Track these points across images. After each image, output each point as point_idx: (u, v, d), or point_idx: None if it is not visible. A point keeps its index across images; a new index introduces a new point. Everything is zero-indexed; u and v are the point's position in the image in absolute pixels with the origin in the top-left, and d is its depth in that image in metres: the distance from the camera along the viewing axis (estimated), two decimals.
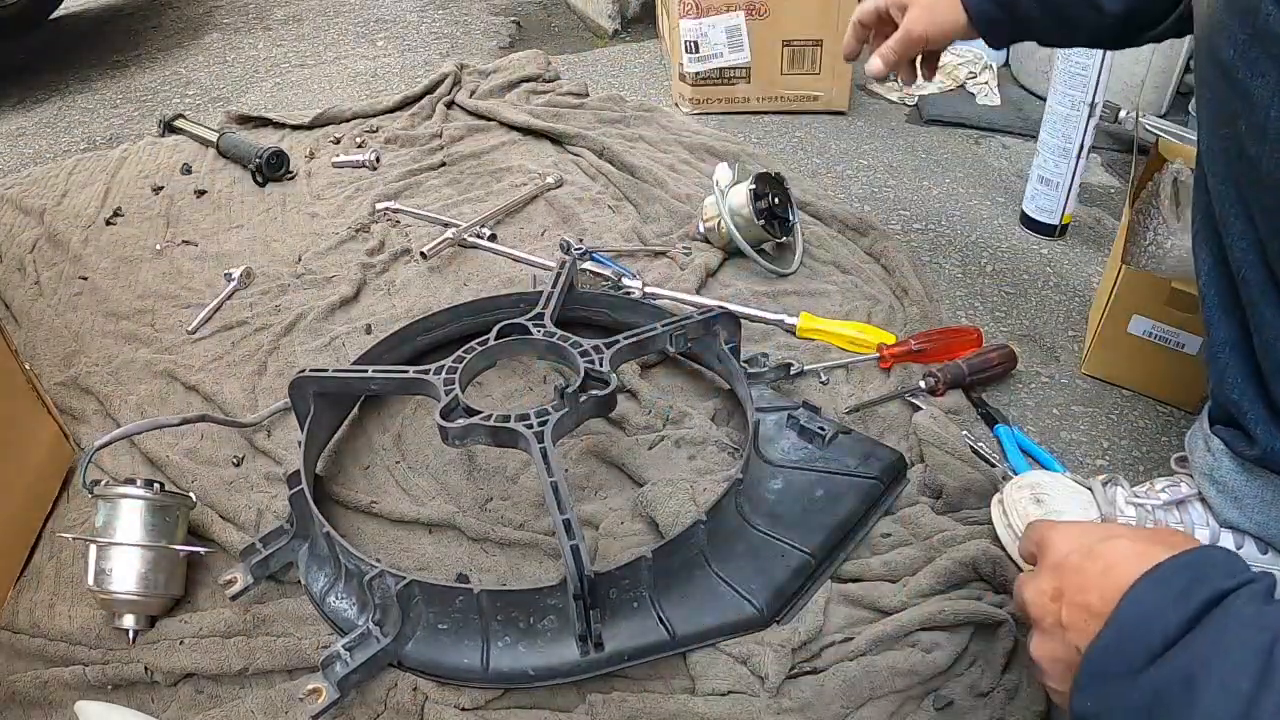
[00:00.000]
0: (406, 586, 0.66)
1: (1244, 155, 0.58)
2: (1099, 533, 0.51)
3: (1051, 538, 0.54)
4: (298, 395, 0.84)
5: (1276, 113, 0.54)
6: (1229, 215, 0.62)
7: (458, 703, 0.67)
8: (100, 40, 2.32)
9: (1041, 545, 0.55)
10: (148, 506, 0.73)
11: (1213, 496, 0.71)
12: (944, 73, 1.69)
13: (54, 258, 1.28)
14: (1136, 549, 0.48)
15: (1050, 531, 0.54)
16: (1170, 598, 0.44)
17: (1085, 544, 0.51)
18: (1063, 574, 0.51)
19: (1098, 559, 0.49)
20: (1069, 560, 0.51)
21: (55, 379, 1.03)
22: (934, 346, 0.98)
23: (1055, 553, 0.52)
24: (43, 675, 0.70)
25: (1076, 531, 0.53)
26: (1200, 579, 0.44)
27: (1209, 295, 0.66)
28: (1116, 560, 0.48)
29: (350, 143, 1.56)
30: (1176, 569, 0.45)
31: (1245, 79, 0.56)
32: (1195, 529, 0.71)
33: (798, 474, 0.81)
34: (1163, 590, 0.44)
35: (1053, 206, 1.22)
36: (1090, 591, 0.48)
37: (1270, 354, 0.61)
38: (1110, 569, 0.48)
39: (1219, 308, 0.65)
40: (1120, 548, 0.49)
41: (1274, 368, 0.61)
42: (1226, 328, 0.65)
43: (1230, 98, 0.58)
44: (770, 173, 1.15)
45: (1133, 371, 0.96)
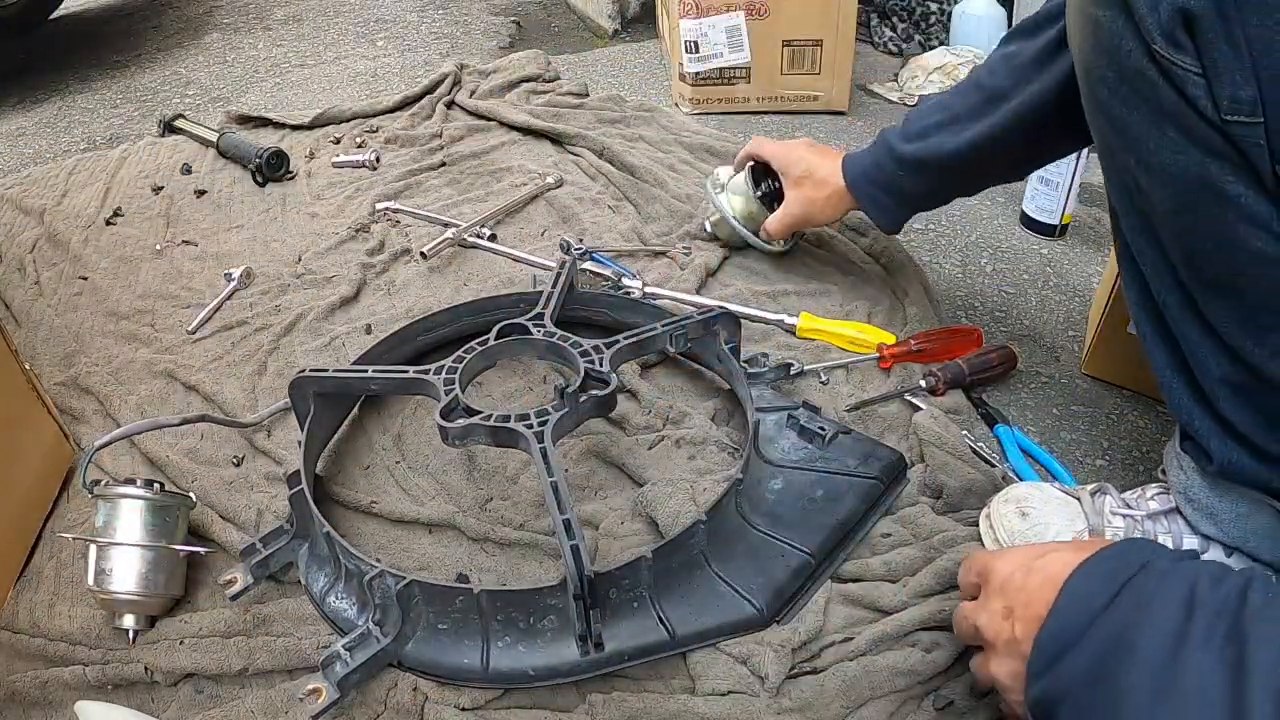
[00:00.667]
0: (406, 586, 0.66)
1: (1139, 187, 0.60)
2: (1036, 551, 0.55)
3: (992, 564, 0.57)
4: (298, 395, 0.84)
5: (1155, 144, 0.56)
6: (1141, 244, 0.63)
7: (458, 703, 0.67)
8: (100, 40, 2.32)
9: (983, 573, 0.58)
10: (148, 506, 0.73)
11: (1190, 513, 0.70)
12: (944, 73, 1.69)
13: (54, 258, 1.28)
14: (1073, 557, 0.51)
15: (989, 559, 0.58)
16: (1101, 579, 0.48)
17: (1025, 563, 0.54)
18: (1009, 593, 0.54)
19: (1038, 573, 0.53)
20: (1013, 579, 0.54)
21: (55, 379, 1.03)
22: (934, 346, 0.98)
23: (998, 576, 0.56)
24: (43, 675, 0.70)
25: (1015, 554, 0.57)
26: (1125, 560, 0.49)
27: (1141, 323, 0.67)
28: (1056, 570, 0.51)
29: (350, 143, 1.56)
30: (1104, 559, 0.50)
31: (1123, 115, 0.57)
32: (1183, 538, 0.71)
33: (798, 474, 0.81)
34: (1093, 576, 0.49)
35: (1053, 206, 1.22)
36: (1037, 603, 0.51)
37: (1205, 373, 0.62)
38: (1051, 578, 0.51)
39: (1152, 334, 0.66)
40: (1057, 559, 0.52)
41: (1211, 386, 0.62)
42: (1163, 352, 0.66)
43: (1115, 136, 0.60)
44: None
45: (1133, 371, 0.96)
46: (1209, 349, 0.61)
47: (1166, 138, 0.55)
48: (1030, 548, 0.57)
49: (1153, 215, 0.60)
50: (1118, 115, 0.58)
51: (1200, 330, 0.61)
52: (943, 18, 1.84)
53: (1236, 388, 0.60)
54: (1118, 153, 0.61)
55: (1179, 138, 0.54)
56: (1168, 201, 0.58)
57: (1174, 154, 0.55)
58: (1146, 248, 0.63)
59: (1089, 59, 0.59)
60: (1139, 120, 0.56)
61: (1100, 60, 0.58)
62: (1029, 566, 0.53)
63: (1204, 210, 0.55)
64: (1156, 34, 0.52)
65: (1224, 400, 0.61)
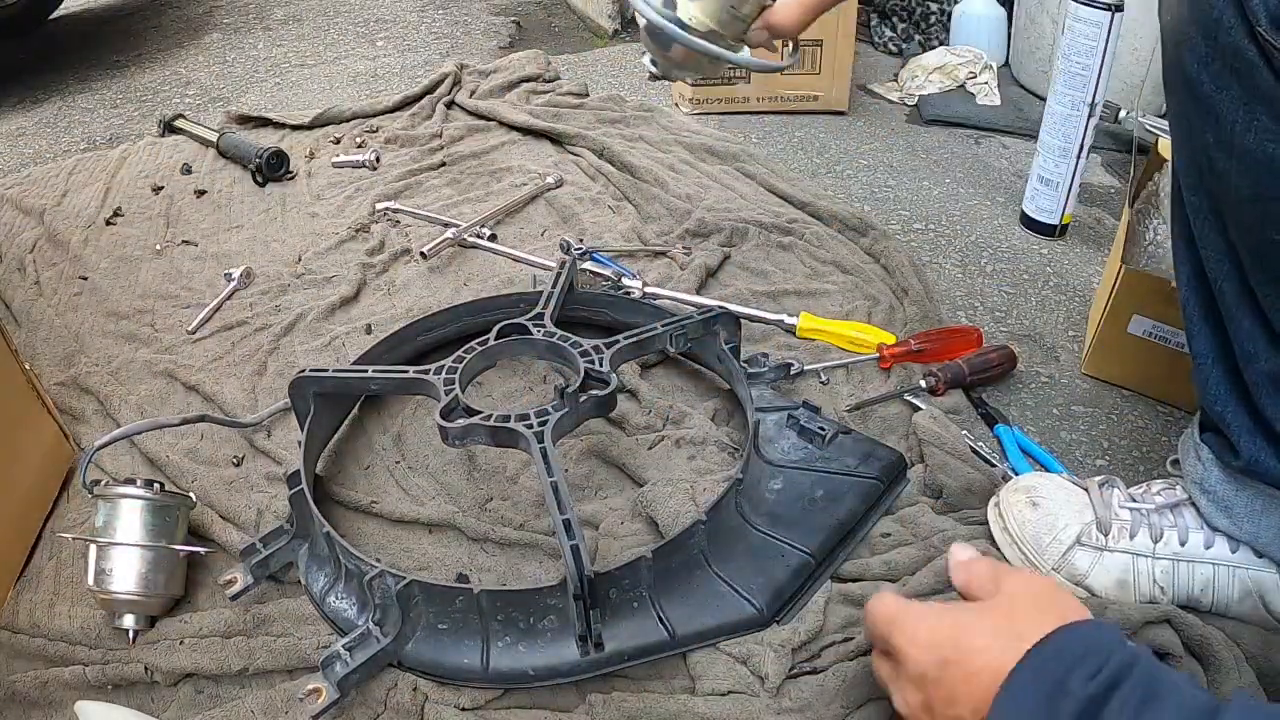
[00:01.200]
0: (406, 586, 0.66)
1: (1214, 169, 0.57)
2: (946, 632, 0.50)
3: (901, 646, 0.52)
4: (298, 395, 0.84)
5: (1242, 127, 0.54)
6: (1204, 227, 0.61)
7: (458, 703, 0.67)
8: (100, 40, 2.32)
9: (891, 648, 0.53)
10: (148, 506, 0.73)
11: (1204, 505, 0.70)
12: (944, 73, 1.69)
13: (54, 258, 1.28)
14: (990, 650, 0.47)
15: (895, 635, 0.53)
16: (1034, 715, 0.43)
17: (938, 654, 0.49)
18: (925, 687, 0.50)
19: (954, 669, 0.48)
20: (927, 674, 0.50)
21: (55, 379, 1.03)
22: (934, 346, 0.98)
23: (911, 665, 0.51)
24: (43, 675, 0.70)
25: (924, 636, 0.51)
26: (1062, 689, 0.43)
27: (1189, 306, 0.65)
28: (975, 668, 0.47)
29: (350, 143, 1.56)
30: (1035, 674, 0.44)
31: (1210, 93, 0.55)
32: (1189, 532, 0.71)
33: (798, 474, 0.81)
34: (1025, 706, 0.44)
35: (1053, 206, 1.22)
36: (959, 703, 0.48)
37: (1250, 366, 0.60)
38: (971, 678, 0.47)
39: (1199, 319, 0.65)
40: (973, 650, 0.48)
41: (1255, 379, 0.60)
42: (1207, 339, 0.64)
43: (1197, 112, 0.57)
44: None
45: (1133, 371, 0.96)
46: (1261, 342, 0.59)
47: (1257, 122, 0.52)
48: (939, 622, 0.51)
49: (1223, 199, 0.58)
50: (1204, 91, 0.55)
51: (1254, 321, 0.59)
52: (943, 18, 1.84)
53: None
54: (1196, 129, 0.58)
55: (1272, 124, 0.51)
56: (1247, 188, 0.55)
57: (1263, 139, 0.52)
58: (1210, 231, 0.60)
59: (1179, 26, 0.56)
60: (1228, 100, 0.53)
61: (1192, 30, 0.55)
62: (943, 659, 0.49)
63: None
64: (1263, 15, 0.49)
65: (1266, 395, 0.60)
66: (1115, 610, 0.69)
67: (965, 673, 0.47)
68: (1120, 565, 0.72)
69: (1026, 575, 0.54)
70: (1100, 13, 1.07)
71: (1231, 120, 0.54)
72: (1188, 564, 0.71)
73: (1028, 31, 1.67)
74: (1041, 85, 1.61)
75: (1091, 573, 0.72)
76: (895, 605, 0.55)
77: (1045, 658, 0.45)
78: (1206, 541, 0.70)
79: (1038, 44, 1.65)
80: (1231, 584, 0.70)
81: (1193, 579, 0.71)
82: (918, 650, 0.51)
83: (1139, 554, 0.72)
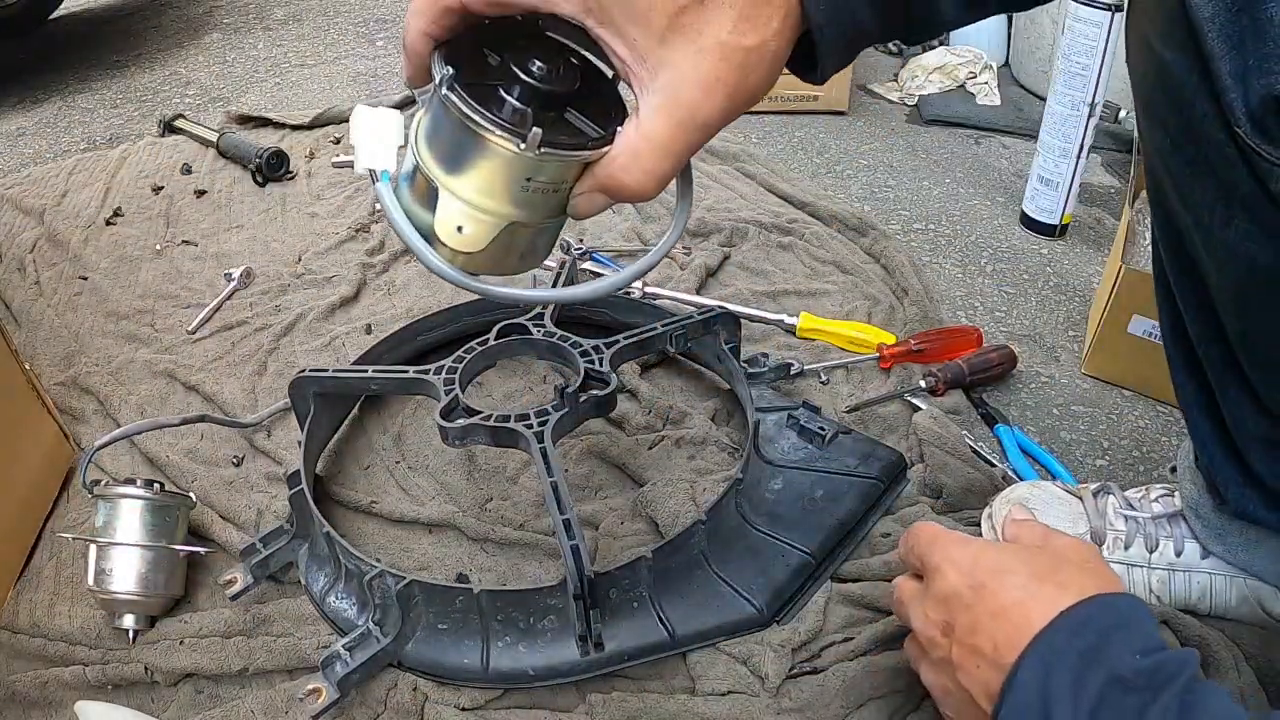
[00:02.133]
0: (406, 586, 0.66)
1: (1193, 240, 0.51)
2: (989, 562, 0.49)
3: (938, 563, 0.51)
4: (298, 395, 0.84)
5: (1220, 222, 0.47)
6: (1185, 291, 0.56)
7: (458, 703, 0.67)
8: (100, 40, 2.32)
9: (927, 565, 0.52)
10: (148, 506, 0.73)
11: (1198, 530, 0.70)
12: (944, 73, 1.69)
13: (54, 258, 1.28)
14: (1028, 589, 0.46)
15: (936, 552, 0.52)
16: (1065, 685, 0.42)
17: (976, 578, 0.48)
18: (952, 609, 0.49)
19: (988, 598, 0.47)
20: (959, 595, 0.49)
21: (55, 379, 1.03)
22: (934, 346, 0.98)
23: (944, 582, 0.50)
24: (43, 675, 0.70)
25: (967, 559, 0.50)
26: (1096, 657, 0.42)
27: (1172, 355, 0.61)
28: (1007, 603, 0.46)
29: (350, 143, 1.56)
30: (1070, 635, 0.43)
31: (1183, 174, 0.49)
32: (1185, 542, 0.71)
33: (798, 474, 0.81)
34: (1056, 671, 0.42)
35: (1053, 206, 1.22)
36: (980, 634, 0.47)
37: (1240, 428, 0.57)
38: (1000, 614, 0.46)
39: (1183, 370, 0.61)
40: (1011, 585, 0.47)
41: (1245, 439, 0.57)
42: (1192, 391, 0.61)
43: (1173, 189, 0.51)
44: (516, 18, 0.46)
45: (1133, 371, 0.96)
46: (1248, 408, 0.55)
47: (1235, 221, 0.46)
48: (984, 551, 0.50)
49: (1204, 270, 0.52)
50: (1178, 172, 0.49)
51: (1241, 390, 0.55)
52: None
53: (1274, 444, 0.56)
54: (1171, 203, 0.51)
55: (1250, 227, 0.45)
56: (1228, 280, 0.49)
57: (1243, 240, 0.46)
58: (1190, 299, 0.55)
59: (1150, 97, 0.49)
60: (1204, 190, 0.47)
61: (1164, 107, 0.47)
62: (980, 584, 0.48)
63: (1275, 299, 0.47)
64: (1242, 115, 0.41)
65: (1257, 457, 0.57)
66: None
67: (997, 605, 0.46)
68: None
69: (1077, 540, 0.53)
70: (1100, 13, 1.07)
71: (1209, 210, 0.47)
72: (1184, 573, 0.71)
73: (1028, 31, 1.67)
74: (1041, 85, 1.61)
75: None
76: (940, 528, 0.54)
77: (1084, 617, 0.44)
78: (1203, 551, 0.70)
79: (1038, 44, 1.65)
80: (1229, 591, 0.70)
81: (1189, 587, 0.70)
82: (955, 570, 0.50)
83: (1134, 564, 0.71)
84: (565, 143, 0.42)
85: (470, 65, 0.42)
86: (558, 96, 0.42)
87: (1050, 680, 0.42)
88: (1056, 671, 0.42)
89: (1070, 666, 0.42)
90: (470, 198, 0.43)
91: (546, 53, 0.43)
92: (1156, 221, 0.57)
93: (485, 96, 0.41)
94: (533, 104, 0.42)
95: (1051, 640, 0.44)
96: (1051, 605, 0.45)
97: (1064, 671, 0.42)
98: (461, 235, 0.44)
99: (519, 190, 0.43)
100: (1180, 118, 0.46)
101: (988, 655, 0.46)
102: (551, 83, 0.42)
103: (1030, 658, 0.44)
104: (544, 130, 0.40)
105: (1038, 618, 0.45)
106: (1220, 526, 0.68)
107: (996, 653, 0.46)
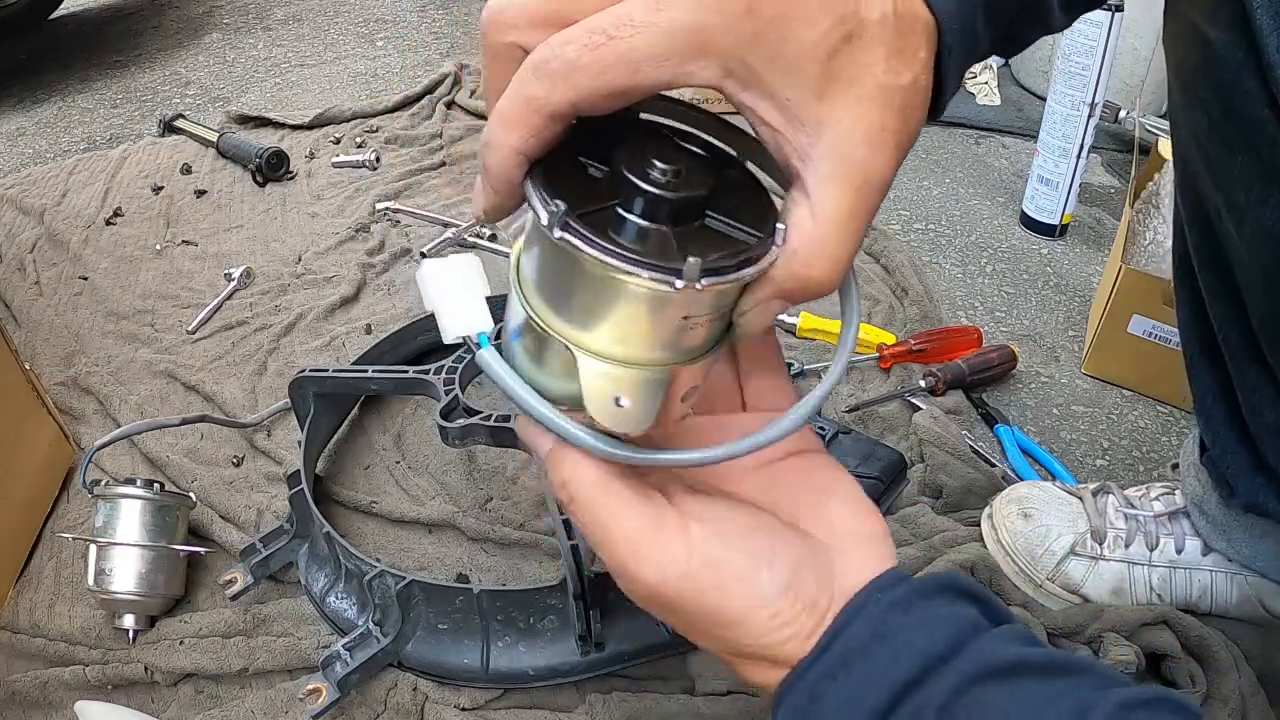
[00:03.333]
0: (406, 586, 0.66)
1: (1222, 222, 0.51)
2: (709, 621, 0.37)
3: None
4: (298, 395, 0.84)
5: (1256, 200, 0.47)
6: (1209, 276, 0.56)
7: (458, 703, 0.67)
8: (100, 40, 2.32)
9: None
10: (148, 506, 0.73)
11: (1201, 526, 0.70)
12: None
13: (54, 258, 1.28)
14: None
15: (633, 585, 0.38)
16: None
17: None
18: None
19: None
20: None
21: (55, 379, 1.03)
22: (934, 346, 0.98)
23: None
24: (43, 675, 0.70)
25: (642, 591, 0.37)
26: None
27: (1189, 343, 0.62)
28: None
29: (350, 143, 1.56)
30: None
31: (1221, 154, 0.49)
32: (1186, 539, 0.71)
33: None
34: None
35: (1053, 206, 1.22)
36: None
37: (1257, 416, 0.56)
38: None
39: (1200, 356, 0.61)
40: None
41: (1261, 429, 0.57)
42: (1208, 378, 0.61)
43: (1206, 169, 0.51)
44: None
45: (1133, 371, 0.96)
46: (1266, 396, 0.55)
47: (1273, 199, 0.46)
48: (699, 610, 0.36)
49: (1232, 254, 0.52)
50: (1215, 151, 0.49)
51: (1260, 375, 0.54)
52: None
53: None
54: (1203, 181, 0.52)
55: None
56: (1260, 260, 0.49)
57: (1278, 218, 0.46)
58: (1215, 282, 0.55)
59: (1190, 79, 0.49)
60: (1242, 168, 0.47)
61: (1205, 87, 0.48)
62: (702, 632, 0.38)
63: None
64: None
65: (1272, 446, 0.57)
66: (1112, 613, 0.69)
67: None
68: (1115, 573, 0.71)
69: None
70: (1100, 13, 1.07)
71: (1245, 189, 0.47)
72: (1185, 571, 0.71)
73: None
74: (1041, 85, 1.61)
75: (1087, 581, 0.72)
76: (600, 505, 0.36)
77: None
78: (1204, 549, 0.70)
79: (1038, 44, 1.64)
80: (1230, 589, 0.70)
81: (1190, 585, 0.70)
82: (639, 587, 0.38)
83: (1135, 562, 0.71)
84: (726, 263, 0.32)
85: (569, 182, 0.32)
86: (693, 202, 0.33)
87: None
88: None
89: None
90: (618, 353, 0.33)
91: (661, 149, 0.33)
92: (1185, 205, 0.57)
93: (603, 221, 0.31)
94: (666, 220, 0.32)
95: None
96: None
97: None
98: (622, 410, 0.33)
99: (677, 332, 0.33)
100: (1222, 98, 0.46)
101: None
102: (682, 187, 0.32)
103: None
104: (693, 249, 0.30)
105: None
106: (1225, 522, 0.67)
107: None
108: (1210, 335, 0.58)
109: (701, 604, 0.35)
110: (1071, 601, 0.72)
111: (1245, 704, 0.64)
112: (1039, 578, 0.73)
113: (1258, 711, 0.64)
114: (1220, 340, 0.57)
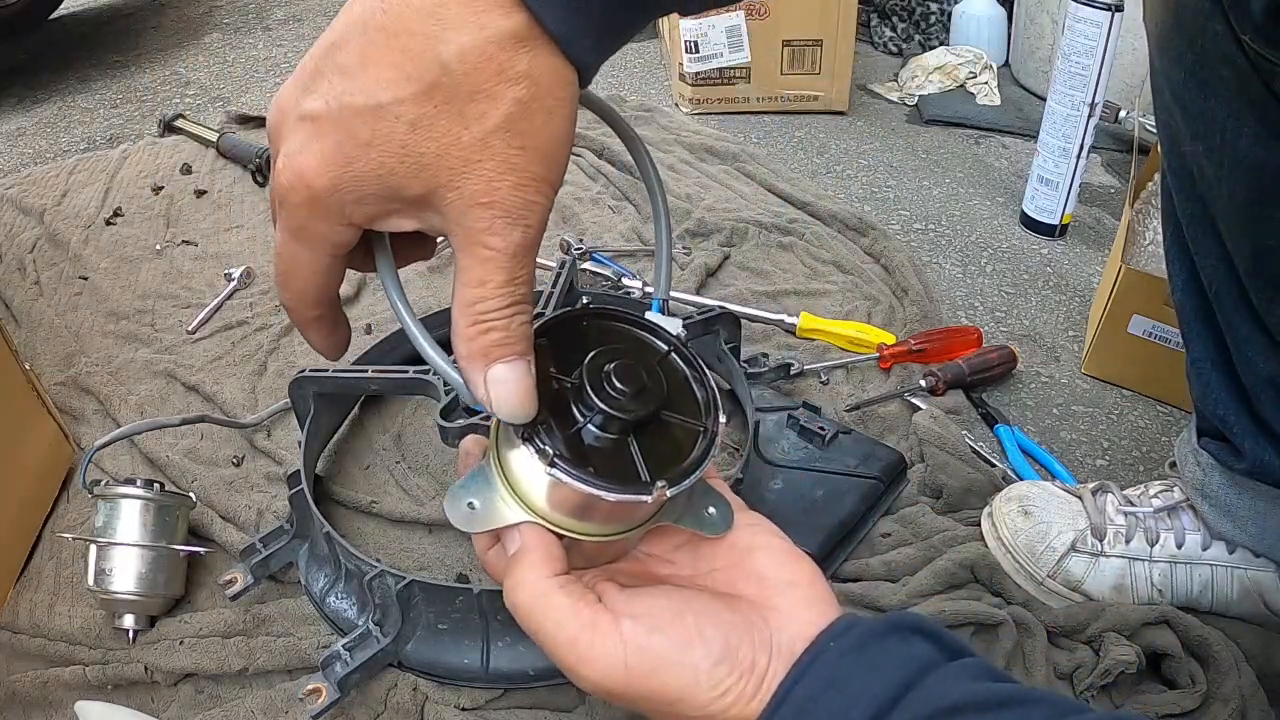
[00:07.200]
0: (406, 586, 0.66)
1: (1205, 176, 0.57)
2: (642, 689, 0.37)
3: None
4: (298, 395, 0.84)
5: (1232, 134, 0.53)
6: (1197, 232, 0.61)
7: (458, 703, 0.67)
8: (100, 40, 2.32)
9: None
10: (148, 506, 0.73)
11: (1205, 510, 0.70)
12: (944, 73, 1.69)
13: (54, 258, 1.28)
14: None
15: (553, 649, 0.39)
16: None
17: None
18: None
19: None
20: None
21: (55, 379, 1.03)
22: (934, 346, 0.98)
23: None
24: (43, 675, 0.70)
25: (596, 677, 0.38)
26: None
27: (1185, 310, 0.65)
28: None
29: None
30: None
31: (1197, 101, 0.55)
32: (1186, 534, 0.71)
33: (798, 474, 0.81)
34: None
35: (1053, 206, 1.22)
36: None
37: (1250, 369, 0.60)
38: None
39: (1196, 322, 0.64)
40: None
41: (1255, 383, 0.60)
42: (1205, 343, 0.64)
43: (1185, 120, 0.57)
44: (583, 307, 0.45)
45: (1133, 371, 0.96)
46: (1258, 346, 0.59)
47: (1246, 129, 0.52)
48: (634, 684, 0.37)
49: (1216, 205, 0.57)
50: (1192, 101, 0.55)
51: (1251, 326, 0.59)
52: (943, 18, 1.84)
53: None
54: (1184, 137, 0.58)
55: (1261, 130, 0.51)
56: (1242, 192, 0.54)
57: (1253, 146, 0.52)
58: (1203, 236, 0.60)
59: (1165, 37, 0.56)
60: (1217, 107, 0.53)
61: (1179, 40, 0.55)
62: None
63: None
64: (1247, 25, 0.48)
65: (1266, 400, 0.60)
66: (1113, 612, 0.69)
67: None
68: (1116, 570, 0.72)
69: None
70: (1100, 13, 1.07)
71: (1220, 128, 0.53)
72: (1186, 566, 0.71)
73: (1028, 31, 1.67)
74: (1041, 85, 1.61)
75: (1088, 578, 0.72)
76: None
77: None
78: (1204, 543, 0.70)
79: (1038, 44, 1.65)
80: (1231, 584, 0.70)
81: (1191, 581, 0.71)
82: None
83: (1135, 558, 0.71)
84: (688, 468, 0.39)
85: (544, 400, 0.38)
86: (652, 416, 0.39)
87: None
88: None
89: None
90: (597, 534, 0.40)
91: (621, 366, 0.38)
92: (1171, 170, 0.62)
93: (578, 442, 0.38)
94: (632, 434, 0.39)
95: None
96: None
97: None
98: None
99: (649, 519, 0.41)
100: (1194, 46, 0.53)
101: None
102: (644, 403, 0.38)
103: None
104: (654, 453, 0.38)
105: None
106: (1229, 503, 0.68)
107: None
108: (1204, 298, 0.62)
109: (645, 689, 0.37)
110: (1073, 599, 0.72)
111: (1245, 704, 0.64)
112: (1040, 575, 0.73)
113: (1258, 711, 0.64)
114: (1212, 298, 0.61)
